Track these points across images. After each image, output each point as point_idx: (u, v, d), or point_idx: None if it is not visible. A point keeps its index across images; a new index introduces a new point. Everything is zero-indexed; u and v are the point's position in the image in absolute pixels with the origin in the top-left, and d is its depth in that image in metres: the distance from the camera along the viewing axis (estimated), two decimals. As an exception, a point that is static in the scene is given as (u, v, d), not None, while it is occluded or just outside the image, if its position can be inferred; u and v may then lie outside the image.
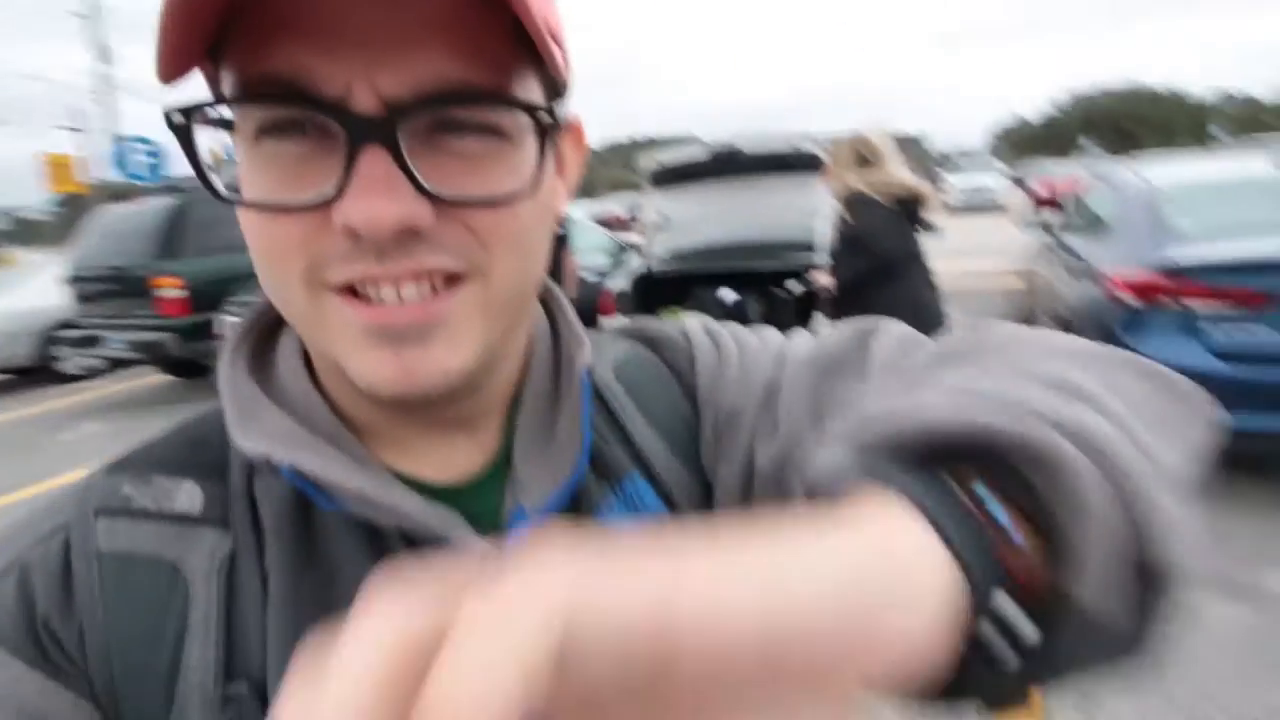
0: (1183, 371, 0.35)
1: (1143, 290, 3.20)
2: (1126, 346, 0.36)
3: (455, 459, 0.42)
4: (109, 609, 0.36)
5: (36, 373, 7.52)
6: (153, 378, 7.46)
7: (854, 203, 2.75)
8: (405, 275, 0.33)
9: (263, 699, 0.35)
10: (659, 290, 4.20)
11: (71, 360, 7.41)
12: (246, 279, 5.65)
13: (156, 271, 5.70)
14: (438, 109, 0.32)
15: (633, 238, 5.14)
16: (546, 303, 0.48)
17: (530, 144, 0.35)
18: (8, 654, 0.35)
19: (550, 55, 0.33)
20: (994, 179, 23.09)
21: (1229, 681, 2.07)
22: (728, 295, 4.08)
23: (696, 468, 0.47)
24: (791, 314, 3.12)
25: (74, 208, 16.94)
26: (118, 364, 6.71)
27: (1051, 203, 12.80)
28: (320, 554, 0.38)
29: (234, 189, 0.35)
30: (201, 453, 0.40)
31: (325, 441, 0.39)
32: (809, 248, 3.84)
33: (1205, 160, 6.38)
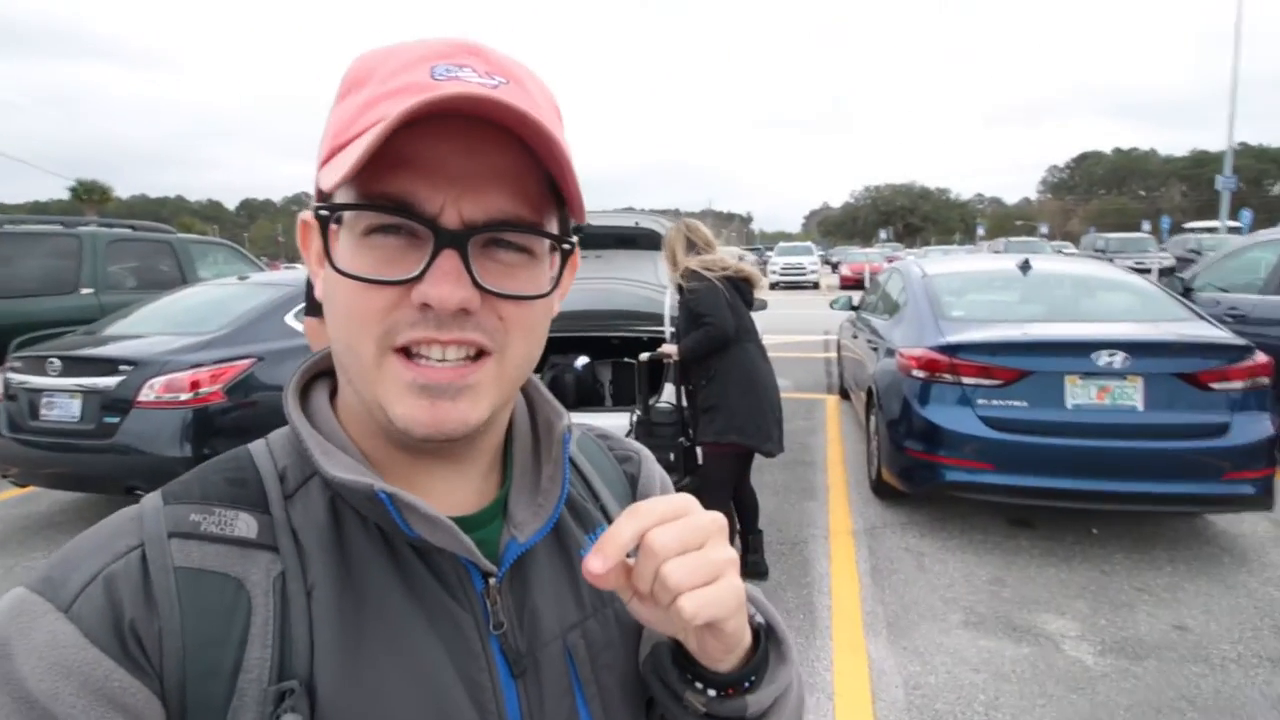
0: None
1: (926, 365, 3.83)
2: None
3: (455, 496, 0.52)
4: (185, 614, 0.42)
5: None
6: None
7: (690, 279, 3.04)
8: (452, 342, 0.44)
9: (311, 695, 0.42)
10: None
11: None
12: (22, 329, 4.90)
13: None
14: (496, 231, 0.44)
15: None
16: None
17: (548, 262, 0.49)
18: (100, 651, 0.39)
19: (574, 203, 0.47)
20: (809, 259, 25.79)
21: (1008, 709, 2.48)
22: (577, 360, 4.22)
23: None
24: (639, 380, 3.33)
25: None
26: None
27: (856, 283, 14.63)
28: (352, 567, 0.46)
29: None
30: (243, 490, 0.47)
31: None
32: (656, 319, 4.11)
33: (972, 255, 7.68)
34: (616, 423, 3.61)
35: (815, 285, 25.02)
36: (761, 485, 4.57)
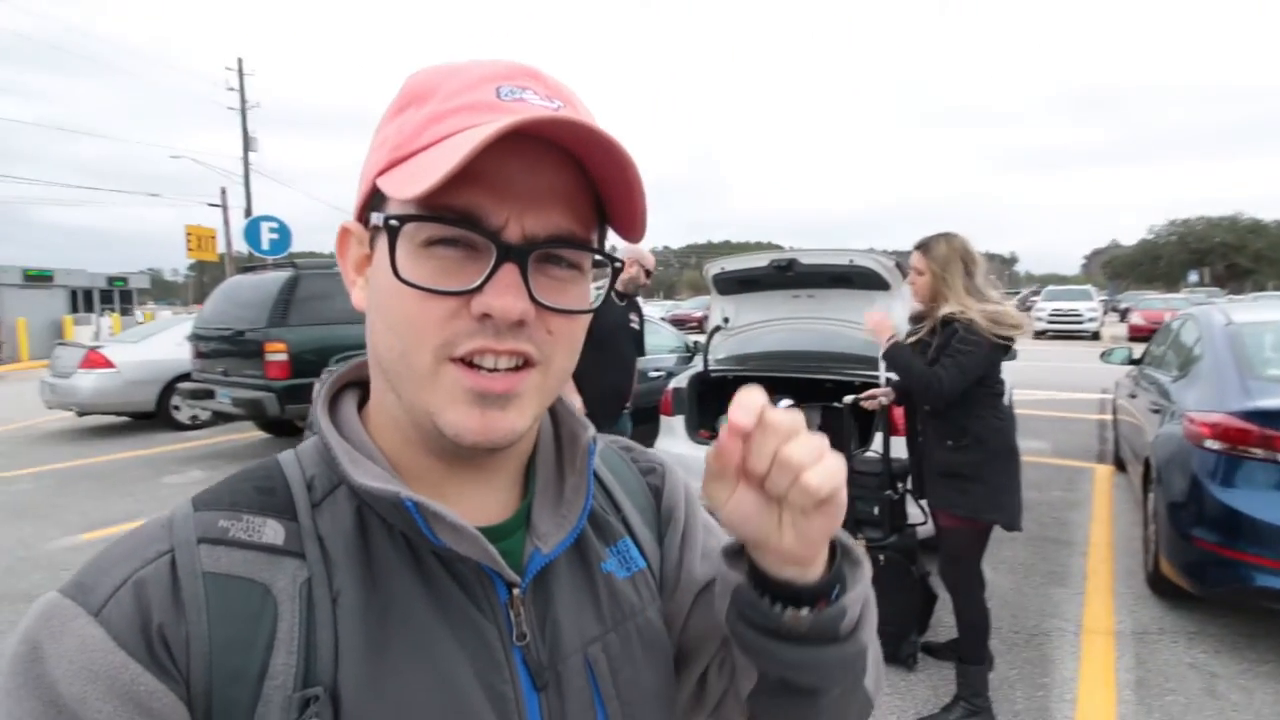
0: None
1: (1225, 435, 3.04)
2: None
3: (481, 506, 0.52)
4: (213, 618, 0.42)
5: (154, 418, 8.25)
6: (251, 433, 8.04)
7: (966, 331, 2.47)
8: (507, 352, 0.45)
9: (335, 702, 0.42)
10: (713, 390, 4.19)
11: (185, 410, 8.10)
12: (338, 350, 6.09)
13: (267, 336, 6.25)
14: (554, 247, 0.46)
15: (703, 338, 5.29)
16: None
17: (590, 275, 0.51)
18: (127, 655, 0.40)
19: (640, 222, 0.49)
20: (1087, 305, 22.05)
21: None
22: (781, 402, 4.06)
23: (658, 536, 0.63)
24: (846, 426, 3.08)
25: (204, 273, 18.76)
26: (222, 417, 7.24)
27: (1149, 334, 12.23)
28: (377, 575, 0.47)
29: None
30: (271, 498, 0.48)
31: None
32: (870, 362, 3.80)
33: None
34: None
35: (1095, 335, 21.45)
36: (997, 561, 4.00)
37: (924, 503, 2.74)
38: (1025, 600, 3.57)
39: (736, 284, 4.40)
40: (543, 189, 0.45)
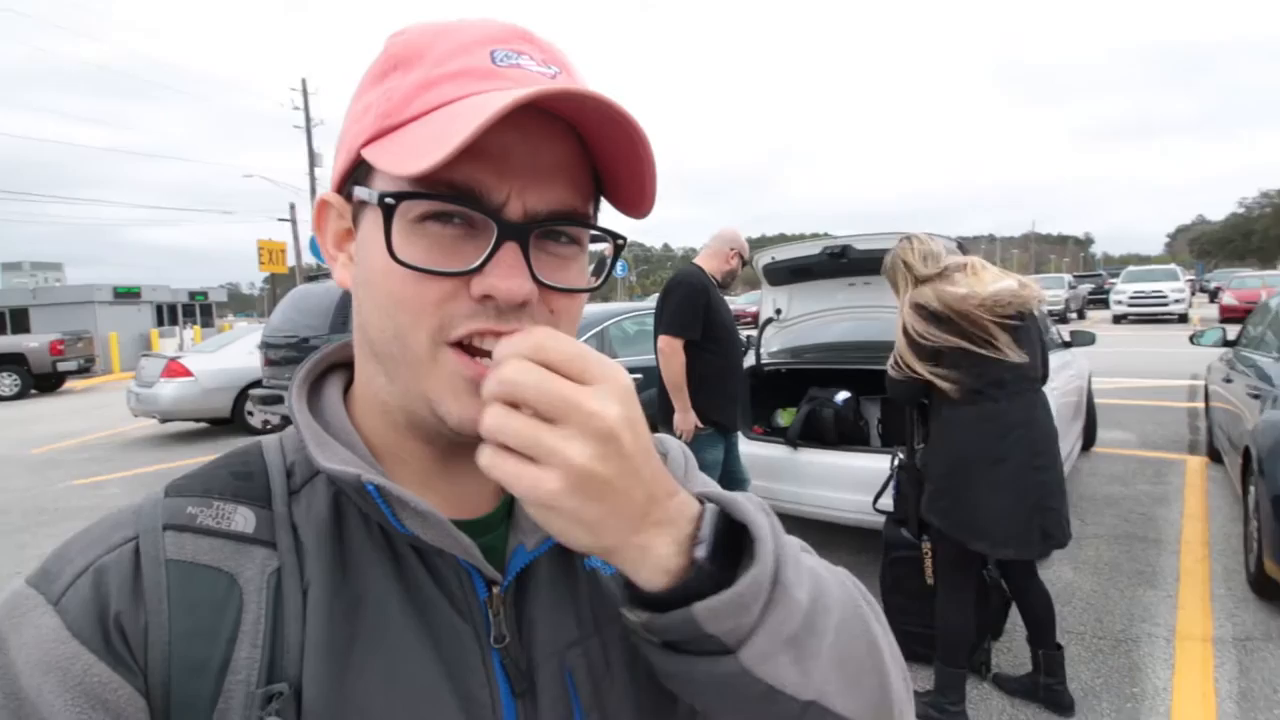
0: None
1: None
2: None
3: (466, 497, 0.49)
4: (174, 607, 0.40)
5: (231, 423, 8.68)
6: (315, 436, 8.31)
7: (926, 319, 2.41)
8: (509, 333, 0.41)
9: (299, 698, 0.40)
10: (766, 385, 4.04)
11: (258, 415, 8.47)
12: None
13: (329, 342, 6.44)
14: (557, 224, 0.43)
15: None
16: None
17: (589, 251, 0.48)
18: (81, 645, 0.38)
19: (649, 197, 0.46)
20: (1173, 285, 20.69)
21: None
22: (838, 395, 3.90)
23: None
24: (909, 421, 2.91)
25: (276, 285, 19.67)
26: (289, 421, 7.52)
27: (1243, 315, 11.35)
28: (350, 567, 0.44)
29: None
30: (247, 484, 0.46)
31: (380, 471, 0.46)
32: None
33: None
34: (875, 464, 3.27)
35: (1182, 318, 20.12)
36: (1079, 560, 3.75)
37: None
38: (1111, 603, 3.32)
39: (788, 274, 4.23)
40: (544, 163, 0.43)
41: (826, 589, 0.44)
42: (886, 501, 2.95)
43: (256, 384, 7.98)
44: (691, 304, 3.25)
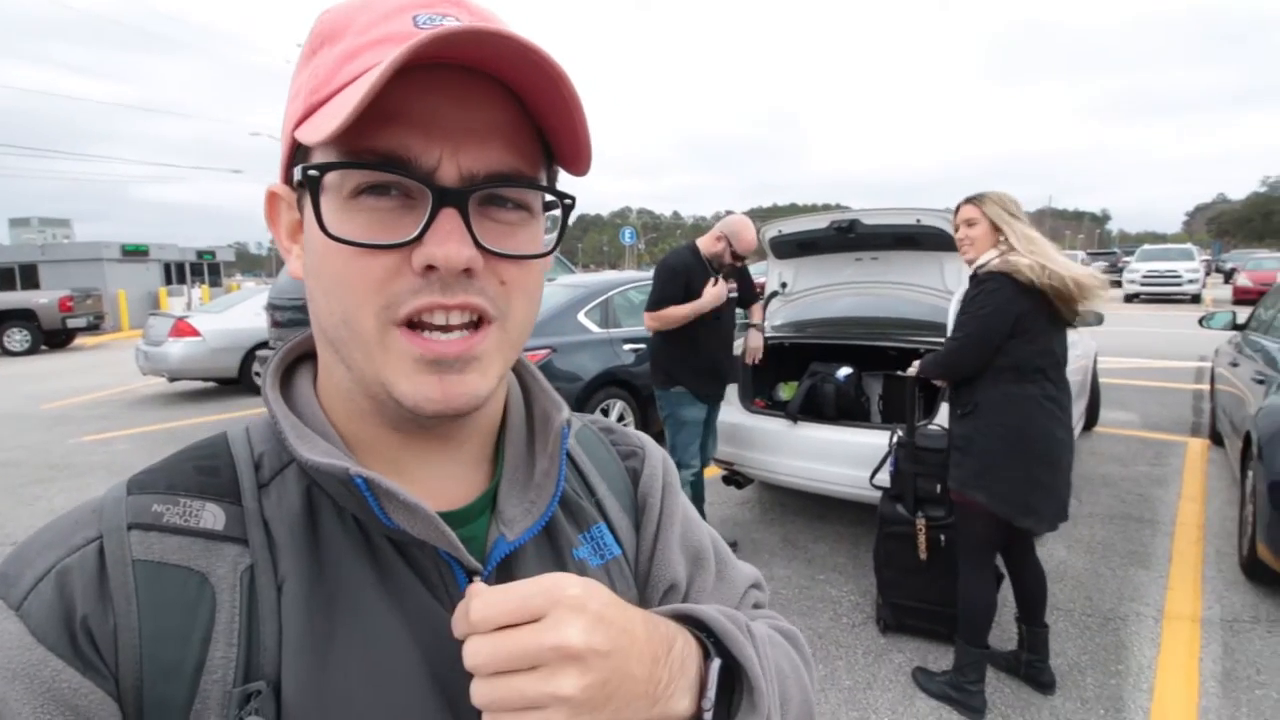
0: None
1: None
2: None
3: (443, 487, 0.49)
4: (143, 609, 0.39)
5: (238, 383, 8.72)
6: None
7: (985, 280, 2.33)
8: (458, 306, 0.41)
9: (278, 695, 0.40)
10: (769, 358, 3.99)
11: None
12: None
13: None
14: (497, 186, 0.42)
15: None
16: (515, 367, 0.56)
17: (542, 220, 0.46)
18: (47, 650, 0.37)
19: (584, 152, 0.44)
20: (1187, 265, 20.33)
21: None
22: (840, 370, 3.88)
23: (635, 522, 0.59)
24: (909, 397, 2.90)
25: (285, 245, 19.52)
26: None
27: (1256, 298, 11.21)
28: (325, 561, 0.44)
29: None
30: (213, 479, 0.45)
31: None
32: (937, 329, 3.57)
33: None
34: (874, 440, 3.28)
35: (1195, 299, 19.84)
36: (1072, 539, 3.78)
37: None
38: (1102, 582, 3.36)
39: (795, 247, 4.19)
40: (477, 122, 0.41)
41: (789, 691, 0.52)
42: (883, 477, 2.97)
43: (263, 345, 8.02)
44: (671, 282, 3.40)
